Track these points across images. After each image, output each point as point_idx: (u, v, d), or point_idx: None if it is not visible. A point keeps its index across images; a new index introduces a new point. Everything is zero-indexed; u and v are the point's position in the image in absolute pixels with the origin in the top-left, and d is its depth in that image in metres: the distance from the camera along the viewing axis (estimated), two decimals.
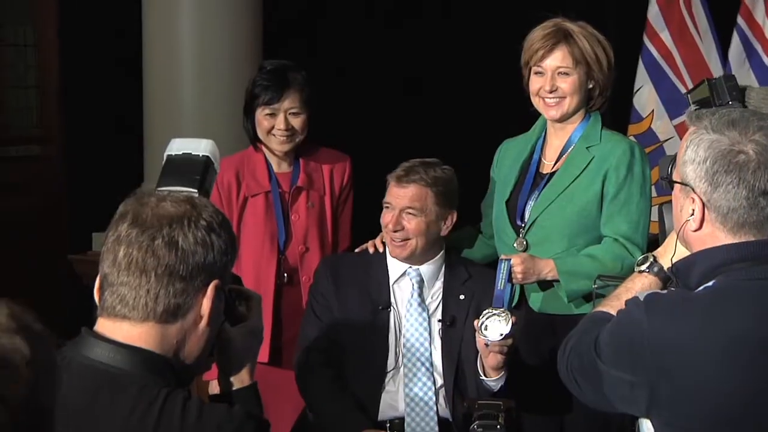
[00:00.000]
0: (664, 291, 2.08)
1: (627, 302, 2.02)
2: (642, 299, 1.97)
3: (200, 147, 2.03)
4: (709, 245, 1.94)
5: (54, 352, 0.85)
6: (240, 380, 1.77)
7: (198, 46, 4.90)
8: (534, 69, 3.15)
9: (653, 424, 1.99)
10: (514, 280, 2.99)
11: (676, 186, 2.00)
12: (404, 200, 3.07)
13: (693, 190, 1.93)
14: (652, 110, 4.94)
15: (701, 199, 1.91)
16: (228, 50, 4.91)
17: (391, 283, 3.17)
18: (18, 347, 0.77)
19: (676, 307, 1.95)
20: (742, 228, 1.91)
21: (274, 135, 3.43)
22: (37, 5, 6.54)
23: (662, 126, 4.89)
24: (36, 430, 0.79)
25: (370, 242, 3.27)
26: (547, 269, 3.04)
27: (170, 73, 4.92)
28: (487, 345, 2.79)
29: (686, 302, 1.95)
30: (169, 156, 2.02)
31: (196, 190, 1.85)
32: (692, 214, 1.94)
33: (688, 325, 1.90)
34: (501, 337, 2.75)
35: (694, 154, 1.92)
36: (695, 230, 1.95)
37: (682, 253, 2.06)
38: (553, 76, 3.11)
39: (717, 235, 1.93)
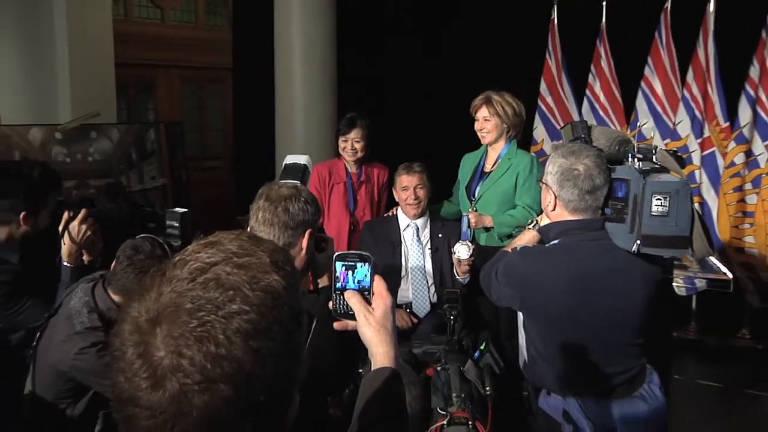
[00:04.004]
0: (531, 246, 2.06)
1: (513, 249, 2.06)
2: (519, 249, 2.02)
3: (302, 159, 2.05)
4: (559, 219, 1.96)
5: (295, 274, 0.78)
6: (323, 282, 1.79)
7: (304, 104, 4.84)
8: (475, 118, 3.13)
9: (523, 315, 2.04)
10: (471, 226, 2.99)
11: (543, 185, 2.00)
12: (415, 181, 3.05)
13: (550, 188, 1.94)
14: (542, 138, 4.89)
15: (555, 194, 1.93)
16: (321, 103, 4.87)
17: (401, 230, 3.12)
18: (278, 280, 0.72)
19: (537, 254, 1.98)
20: (576, 211, 1.92)
21: (345, 152, 3.40)
22: (223, 89, 6.51)
23: (548, 147, 4.81)
24: (298, 323, 0.74)
25: (391, 210, 3.27)
26: (488, 221, 3.03)
27: (290, 119, 4.88)
28: (459, 261, 2.77)
29: (541, 252, 1.99)
30: (285, 164, 2.05)
31: (299, 182, 1.86)
32: (550, 202, 1.95)
33: (542, 265, 1.93)
34: (467, 256, 2.74)
35: (551, 168, 1.94)
36: (551, 211, 1.96)
37: (547, 221, 2.05)
38: (482, 121, 3.09)
39: (563, 214, 1.94)
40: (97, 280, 2.20)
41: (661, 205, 1.77)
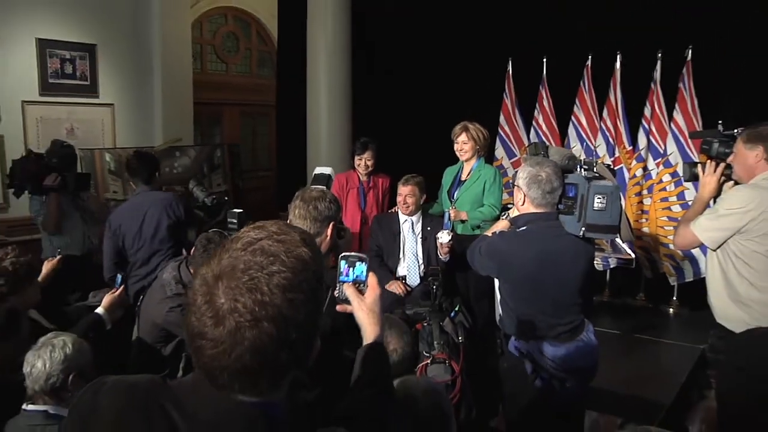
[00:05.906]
0: (506, 231, 1.96)
1: (492, 233, 1.97)
2: (498, 233, 1.94)
3: (327, 170, 1.97)
4: (526, 212, 1.89)
5: (318, 249, 0.76)
6: None
7: (328, 131, 4.75)
8: (455, 141, 3.02)
9: (499, 282, 1.95)
10: (451, 219, 2.91)
11: (516, 187, 1.90)
12: (407, 191, 2.94)
13: (521, 189, 1.87)
14: (502, 156, 4.79)
15: (524, 193, 1.86)
16: (340, 131, 4.75)
17: (401, 224, 3.04)
18: (306, 252, 0.70)
19: (511, 237, 1.89)
20: (540, 206, 1.86)
21: (359, 167, 3.30)
22: (269, 120, 6.43)
23: (505, 163, 4.73)
24: (321, 284, 0.72)
25: (393, 208, 3.15)
26: (464, 215, 2.94)
27: (317, 142, 4.77)
28: (441, 244, 2.69)
29: (515, 235, 1.89)
30: (315, 174, 1.98)
31: (324, 187, 1.80)
32: (520, 199, 1.88)
33: (515, 245, 1.86)
34: (447, 241, 2.66)
35: (522, 174, 1.87)
36: (521, 205, 1.89)
37: (516, 213, 1.96)
38: (461, 144, 2.99)
39: (529, 208, 1.88)
40: (182, 260, 2.27)
41: (601, 202, 1.76)
